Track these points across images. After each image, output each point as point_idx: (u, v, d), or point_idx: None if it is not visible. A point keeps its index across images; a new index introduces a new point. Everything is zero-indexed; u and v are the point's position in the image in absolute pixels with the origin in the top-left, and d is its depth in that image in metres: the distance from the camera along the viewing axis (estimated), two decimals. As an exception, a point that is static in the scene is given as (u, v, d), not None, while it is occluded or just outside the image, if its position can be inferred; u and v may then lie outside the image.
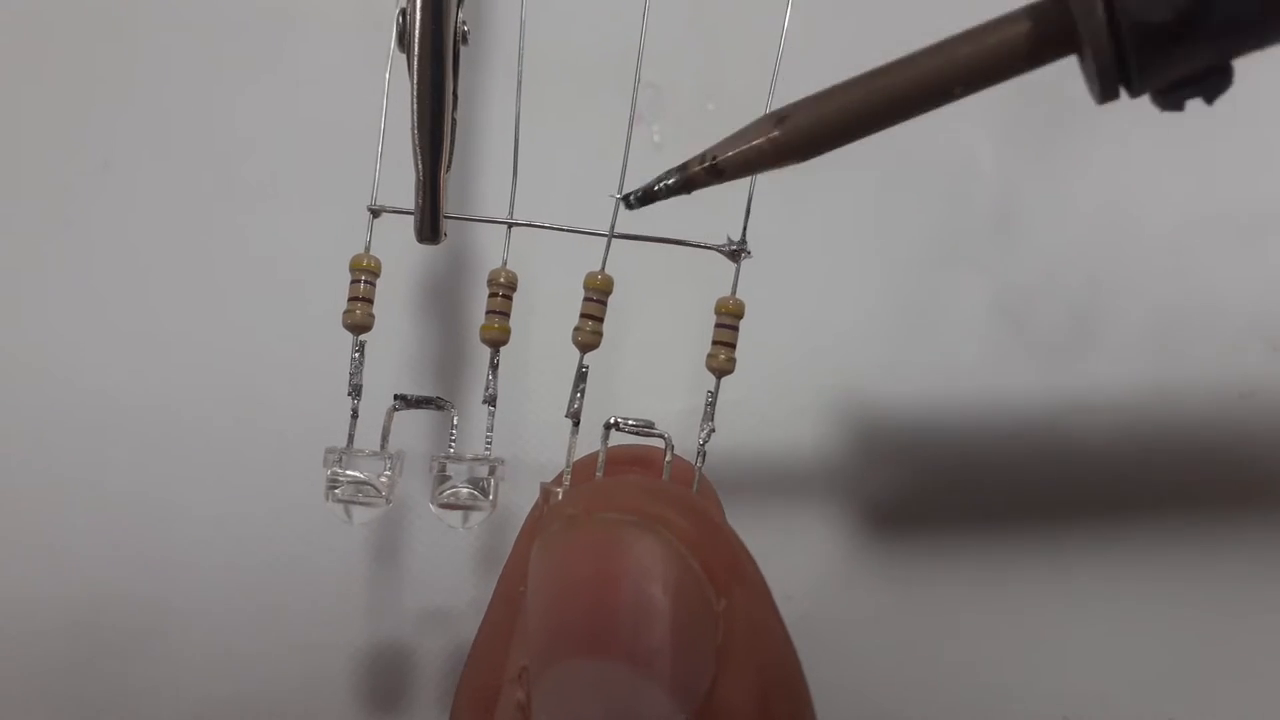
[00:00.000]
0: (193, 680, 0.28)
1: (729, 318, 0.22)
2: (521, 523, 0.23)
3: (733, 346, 0.21)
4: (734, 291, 0.22)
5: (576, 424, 0.21)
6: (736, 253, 0.22)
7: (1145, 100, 0.19)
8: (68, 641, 0.28)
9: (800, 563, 0.29)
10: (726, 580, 0.17)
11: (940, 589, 0.29)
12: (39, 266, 0.29)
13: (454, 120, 0.21)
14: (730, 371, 0.21)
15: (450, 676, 0.28)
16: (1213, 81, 0.18)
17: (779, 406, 0.30)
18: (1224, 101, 0.17)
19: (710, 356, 0.22)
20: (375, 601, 0.28)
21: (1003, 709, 0.29)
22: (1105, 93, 0.18)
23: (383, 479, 0.21)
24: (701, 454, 0.21)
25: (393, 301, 0.23)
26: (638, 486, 0.19)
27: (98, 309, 0.29)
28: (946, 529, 0.29)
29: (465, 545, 0.28)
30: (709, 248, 0.22)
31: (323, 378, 0.28)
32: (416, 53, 0.20)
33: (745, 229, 0.22)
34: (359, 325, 0.22)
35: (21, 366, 0.29)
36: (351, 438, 0.21)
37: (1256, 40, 0.17)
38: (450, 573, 0.28)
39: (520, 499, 0.26)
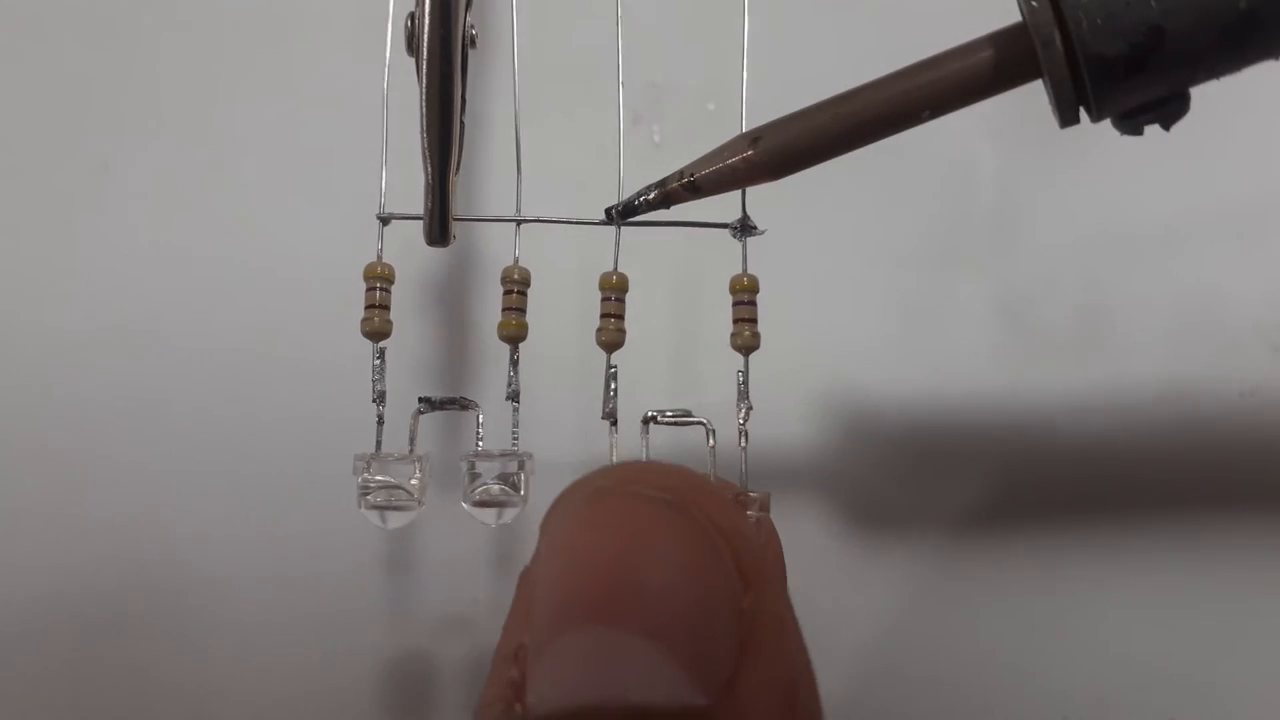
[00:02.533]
0: (210, 688, 0.28)
1: (746, 294, 0.22)
2: (538, 520, 0.23)
3: (755, 322, 0.22)
4: (744, 269, 0.22)
5: (614, 423, 0.21)
6: (743, 229, 0.22)
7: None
8: (83, 646, 0.28)
9: (795, 560, 0.29)
10: (756, 577, 0.17)
11: (939, 589, 0.29)
12: (39, 267, 0.29)
13: (462, 123, 0.21)
14: (756, 347, 0.22)
15: (470, 682, 0.28)
16: (1170, 108, 0.18)
17: (777, 406, 0.30)
18: (1225, 101, 0.18)
19: (735, 335, 0.22)
20: (394, 607, 0.28)
21: (1003, 709, 0.29)
22: (1065, 119, 0.18)
23: (413, 482, 0.21)
24: (744, 434, 0.21)
25: (401, 305, 0.23)
26: (676, 470, 0.19)
27: (97, 310, 0.29)
28: (945, 529, 0.30)
29: (483, 549, 0.28)
30: (715, 226, 0.22)
31: (331, 381, 0.28)
32: (425, 57, 0.20)
33: (744, 205, 0.22)
34: (378, 333, 0.22)
35: (22, 368, 0.29)
36: (379, 443, 0.21)
37: (1208, 72, 0.18)
38: (468, 577, 0.28)
39: (534, 497, 0.26)
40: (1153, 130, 0.31)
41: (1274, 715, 0.29)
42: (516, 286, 0.22)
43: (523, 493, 0.21)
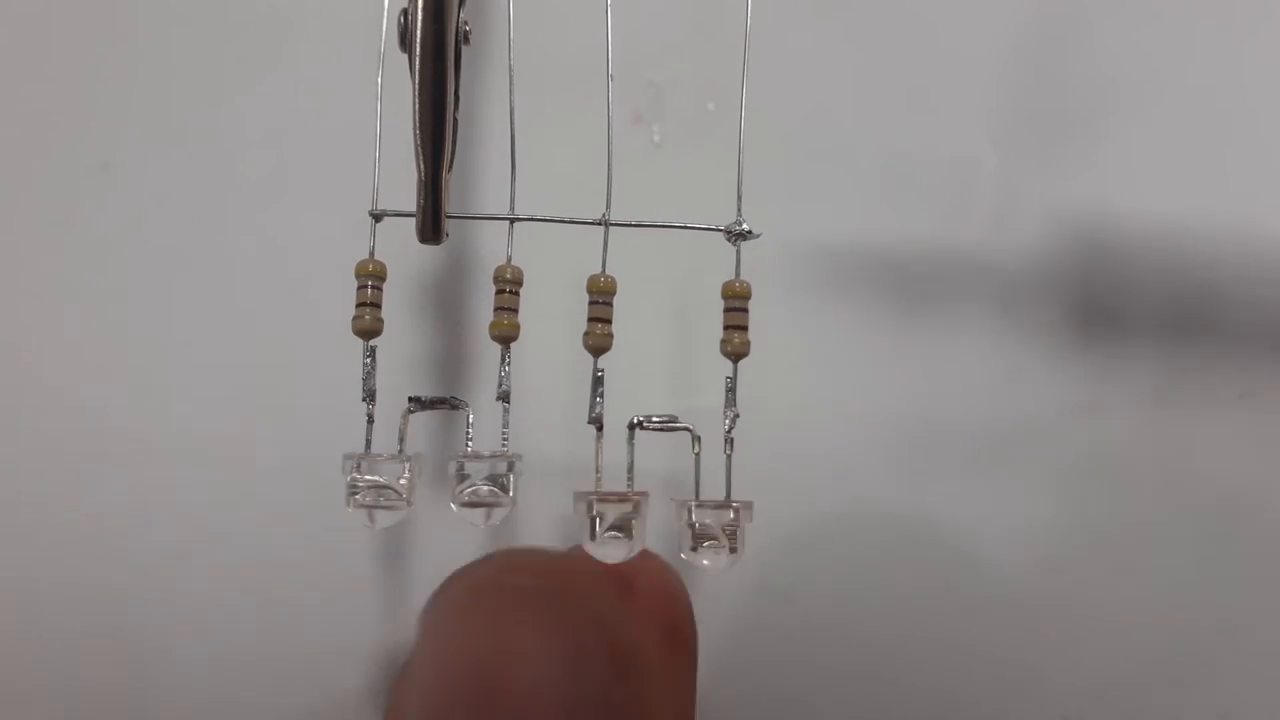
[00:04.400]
0: (199, 688, 0.28)
1: (737, 300, 0.22)
2: (528, 522, 0.23)
3: (745, 329, 0.21)
4: (738, 274, 0.22)
5: (600, 428, 0.21)
6: (738, 235, 0.22)
7: (1145, 101, 0.18)
8: (73, 646, 0.28)
9: (790, 561, 0.29)
10: (628, 665, 0.18)
11: (937, 588, 0.29)
12: (38, 267, 0.29)
13: (455, 120, 0.21)
14: (746, 354, 0.21)
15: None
16: None
17: (771, 407, 0.30)
18: (1225, 100, 0.18)
19: (724, 341, 0.22)
20: (385, 608, 0.28)
21: (1003, 709, 0.29)
22: None
23: (402, 482, 0.21)
24: (729, 441, 0.21)
25: (392, 302, 0.23)
26: (553, 556, 0.19)
27: (96, 310, 0.29)
28: (946, 525, 0.30)
29: (475, 550, 0.28)
30: (710, 230, 0.22)
31: (327, 380, 0.27)
32: (418, 53, 0.20)
33: (740, 208, 0.22)
34: (368, 331, 0.21)
35: (21, 368, 0.29)
36: (368, 443, 0.21)
37: None
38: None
39: (523, 499, 0.26)
40: (1153, 127, 0.31)
41: (1276, 715, 0.29)
42: (509, 286, 0.22)
43: (512, 494, 0.21)
